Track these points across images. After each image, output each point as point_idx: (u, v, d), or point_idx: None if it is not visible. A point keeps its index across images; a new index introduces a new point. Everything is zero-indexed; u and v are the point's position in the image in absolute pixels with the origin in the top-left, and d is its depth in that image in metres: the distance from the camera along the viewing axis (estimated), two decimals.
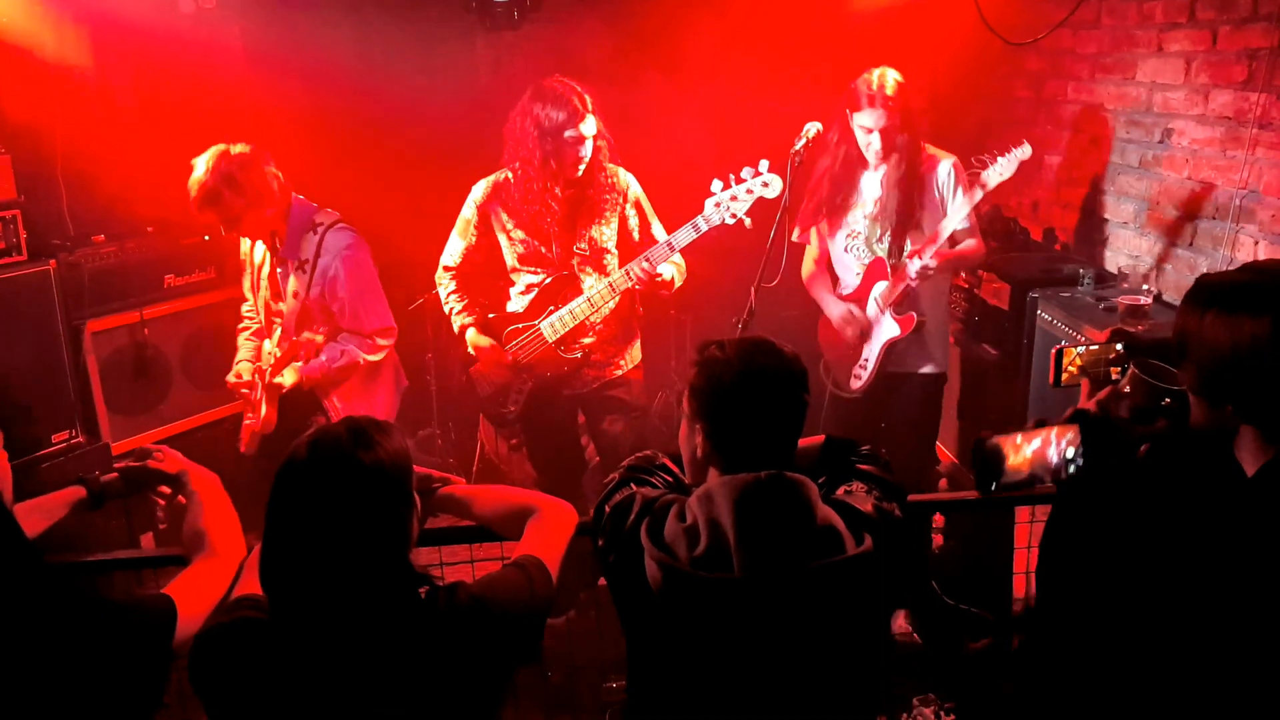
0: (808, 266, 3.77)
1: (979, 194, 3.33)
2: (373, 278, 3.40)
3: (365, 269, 3.36)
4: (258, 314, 3.58)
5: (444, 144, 4.58)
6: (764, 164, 3.19)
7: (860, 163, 3.51)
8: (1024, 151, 3.27)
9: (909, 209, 3.46)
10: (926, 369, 3.64)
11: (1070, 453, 1.75)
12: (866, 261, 3.56)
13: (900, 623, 3.50)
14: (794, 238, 3.71)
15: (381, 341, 3.44)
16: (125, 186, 4.14)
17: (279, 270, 3.42)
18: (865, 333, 3.61)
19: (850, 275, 3.64)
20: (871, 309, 3.57)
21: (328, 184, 3.90)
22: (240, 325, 3.65)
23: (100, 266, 4.04)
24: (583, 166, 3.30)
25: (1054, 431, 1.78)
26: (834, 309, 3.66)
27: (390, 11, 4.82)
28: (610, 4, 5.01)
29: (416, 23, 4.89)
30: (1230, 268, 2.05)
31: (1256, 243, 3.28)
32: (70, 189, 4.13)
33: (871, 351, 3.60)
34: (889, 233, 3.50)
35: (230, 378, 3.50)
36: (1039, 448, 1.76)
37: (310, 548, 1.54)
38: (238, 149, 3.19)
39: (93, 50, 4.26)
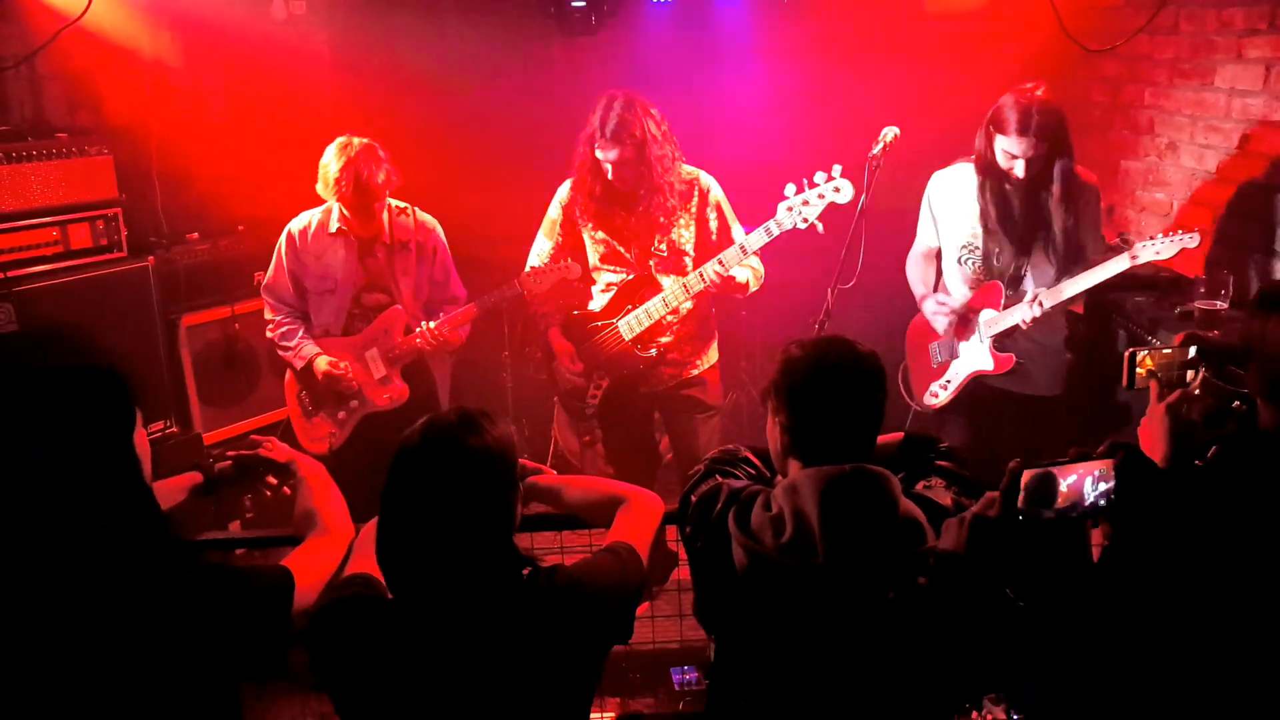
0: (914, 260, 3.54)
1: (1126, 263, 2.98)
2: None
3: None
4: (321, 313, 3.62)
5: (522, 147, 4.68)
6: (837, 169, 3.19)
7: (998, 175, 3.17)
8: (1193, 239, 2.91)
9: (1044, 239, 3.16)
10: (1031, 392, 3.35)
11: (1103, 487, 1.72)
12: (981, 279, 3.30)
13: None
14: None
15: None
16: (217, 186, 4.30)
17: (370, 259, 3.56)
18: (954, 349, 3.39)
19: (957, 286, 3.39)
20: (972, 333, 3.33)
21: (408, 184, 4.02)
22: (281, 331, 3.62)
23: (194, 263, 4.23)
24: (611, 176, 3.37)
25: (1093, 466, 1.73)
26: (927, 304, 3.43)
27: (470, 17, 4.94)
28: (686, 9, 5.08)
29: (496, 28, 5.00)
30: None
31: None
32: (165, 189, 4.30)
33: (956, 374, 3.38)
34: (1013, 257, 3.21)
35: (330, 372, 3.54)
36: (1075, 483, 1.72)
37: (422, 529, 1.64)
38: (360, 139, 3.37)
39: (187, 54, 4.41)
